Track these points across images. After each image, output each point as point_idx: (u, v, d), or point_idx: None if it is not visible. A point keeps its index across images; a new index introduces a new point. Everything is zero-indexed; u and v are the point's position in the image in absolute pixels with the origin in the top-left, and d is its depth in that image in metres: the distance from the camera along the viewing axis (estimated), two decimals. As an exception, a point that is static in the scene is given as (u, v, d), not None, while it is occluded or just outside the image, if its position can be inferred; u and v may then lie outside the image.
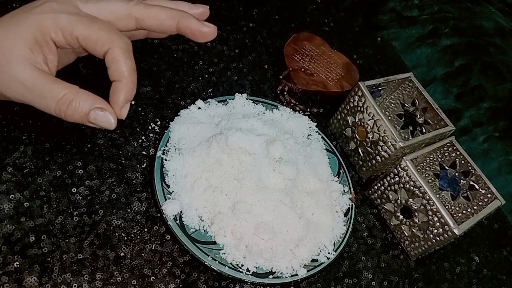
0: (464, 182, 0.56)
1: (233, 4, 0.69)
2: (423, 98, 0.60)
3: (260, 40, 0.67)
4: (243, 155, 0.45)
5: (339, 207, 0.50)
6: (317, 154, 0.53)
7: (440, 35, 0.93)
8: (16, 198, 0.40)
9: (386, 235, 0.55)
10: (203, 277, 0.43)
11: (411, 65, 0.90)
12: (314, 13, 0.77)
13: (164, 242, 0.43)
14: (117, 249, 0.41)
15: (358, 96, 0.55)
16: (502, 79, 0.89)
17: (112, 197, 0.44)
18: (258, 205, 0.44)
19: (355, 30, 0.80)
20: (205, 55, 0.60)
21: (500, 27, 0.95)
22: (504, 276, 0.60)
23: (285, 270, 0.43)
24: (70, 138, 0.46)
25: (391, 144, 0.52)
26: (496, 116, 0.86)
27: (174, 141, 0.47)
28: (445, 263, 0.56)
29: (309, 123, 0.55)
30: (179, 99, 0.54)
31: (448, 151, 0.57)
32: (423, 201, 0.49)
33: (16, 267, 0.37)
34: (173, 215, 0.42)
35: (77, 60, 0.52)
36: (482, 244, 0.61)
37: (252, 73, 0.62)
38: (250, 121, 0.50)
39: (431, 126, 0.60)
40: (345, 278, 0.49)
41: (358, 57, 0.74)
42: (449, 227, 0.47)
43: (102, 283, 0.39)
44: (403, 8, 0.97)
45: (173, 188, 0.44)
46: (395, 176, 0.52)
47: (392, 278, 0.52)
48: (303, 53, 0.64)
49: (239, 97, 0.54)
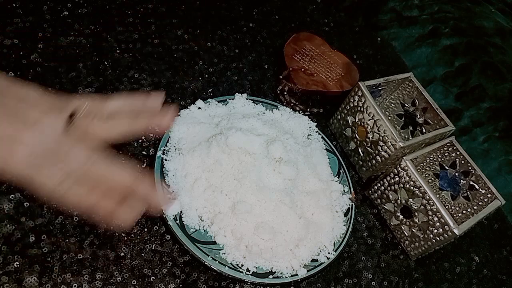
0: (464, 182, 0.56)
1: (233, 4, 0.69)
2: (423, 98, 0.60)
3: (260, 40, 0.67)
4: (243, 155, 0.45)
5: (339, 207, 0.50)
6: (317, 154, 0.53)
7: (440, 35, 0.93)
8: (16, 198, 0.40)
9: (386, 235, 0.55)
10: (203, 277, 0.43)
11: (411, 65, 0.90)
12: (314, 13, 0.77)
13: (164, 242, 0.43)
14: (117, 249, 0.41)
15: (358, 96, 0.55)
16: (502, 79, 0.89)
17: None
18: (258, 205, 0.44)
19: (355, 30, 0.80)
20: (205, 55, 0.60)
21: (500, 27, 0.95)
22: (504, 276, 0.60)
23: (285, 270, 0.43)
24: (70, 138, 0.46)
25: (391, 144, 0.52)
26: (496, 116, 0.86)
27: (174, 141, 0.47)
28: (445, 263, 0.56)
29: (309, 123, 0.55)
30: (179, 99, 0.54)
31: (448, 151, 0.57)
32: (423, 201, 0.49)
33: (16, 267, 0.37)
34: (173, 215, 0.42)
35: (77, 60, 0.52)
36: (482, 244, 0.61)
37: (252, 73, 0.62)
38: (250, 121, 0.50)
39: (431, 126, 0.60)
40: (345, 278, 0.49)
41: (358, 57, 0.74)
42: (449, 227, 0.47)
43: (102, 283, 0.39)
44: (403, 8, 0.96)
45: (173, 188, 0.44)
46: (395, 176, 0.52)
47: (392, 278, 0.52)
48: (303, 53, 0.64)
49: (239, 97, 0.54)
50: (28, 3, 0.53)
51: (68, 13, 0.55)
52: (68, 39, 0.53)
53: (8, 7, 0.52)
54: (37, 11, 0.53)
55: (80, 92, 0.49)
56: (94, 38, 0.54)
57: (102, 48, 0.54)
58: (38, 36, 0.51)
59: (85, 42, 0.53)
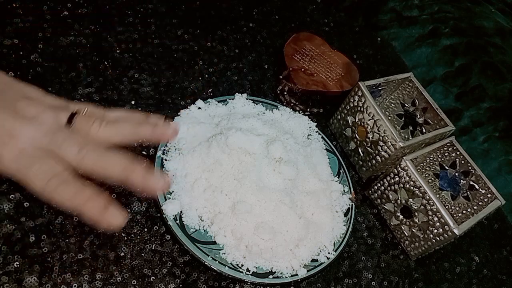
0: (464, 182, 0.56)
1: (233, 4, 0.69)
2: (423, 98, 0.60)
3: (260, 40, 0.67)
4: (243, 155, 0.45)
5: (339, 207, 0.50)
6: (317, 154, 0.53)
7: (440, 35, 0.93)
8: (16, 198, 0.40)
9: (386, 235, 0.55)
10: (203, 277, 0.43)
11: (411, 65, 0.90)
12: (314, 13, 0.77)
13: (164, 242, 0.43)
14: (117, 249, 0.41)
15: (358, 96, 0.55)
16: (502, 79, 0.89)
17: (112, 197, 0.44)
18: (258, 205, 0.44)
19: (355, 30, 0.80)
20: (205, 55, 0.60)
21: (500, 27, 0.95)
22: (504, 276, 0.60)
23: (285, 270, 0.43)
24: (70, 138, 0.46)
25: (391, 144, 0.52)
26: (496, 116, 0.86)
27: (174, 141, 0.47)
28: (445, 263, 0.56)
29: (309, 123, 0.55)
30: (179, 99, 0.54)
31: (448, 151, 0.57)
32: (423, 201, 0.49)
33: (16, 267, 0.37)
34: (173, 215, 0.42)
35: (77, 60, 0.52)
36: (482, 244, 0.61)
37: (252, 73, 0.62)
38: (250, 121, 0.50)
39: (431, 126, 0.60)
40: (345, 278, 0.49)
41: (358, 57, 0.74)
42: (449, 227, 0.47)
43: (102, 283, 0.39)
44: (403, 8, 0.96)
45: (173, 188, 0.44)
46: (395, 176, 0.52)
47: (392, 278, 0.52)
48: (303, 53, 0.64)
49: (239, 97, 0.54)
50: (28, 3, 0.53)
51: (68, 13, 0.55)
52: (68, 39, 0.53)
53: (8, 7, 0.52)
54: (37, 11, 0.53)
55: (80, 92, 0.49)
56: (94, 38, 0.54)
57: (102, 48, 0.54)
58: (38, 36, 0.51)
59: (85, 42, 0.53)
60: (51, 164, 0.32)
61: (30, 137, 0.32)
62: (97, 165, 0.33)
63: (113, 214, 0.32)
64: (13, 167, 0.32)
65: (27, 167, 0.31)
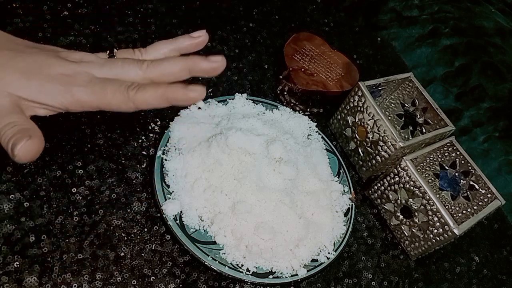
0: (464, 182, 0.56)
1: (233, 4, 0.69)
2: (423, 98, 0.60)
3: (260, 40, 0.67)
4: (243, 155, 0.45)
5: (339, 207, 0.50)
6: (317, 154, 0.53)
7: (440, 35, 0.93)
8: (16, 198, 0.40)
9: (386, 235, 0.55)
10: (203, 277, 0.43)
11: (411, 65, 0.90)
12: (314, 13, 0.77)
13: (164, 242, 0.43)
14: (117, 249, 0.41)
15: (358, 96, 0.55)
16: (502, 79, 0.89)
17: (112, 197, 0.44)
18: (258, 205, 0.44)
19: (355, 30, 0.80)
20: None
21: (500, 27, 0.95)
22: (504, 276, 0.60)
23: (285, 270, 0.43)
24: (70, 138, 0.46)
25: (391, 144, 0.52)
26: (496, 116, 0.86)
27: (174, 141, 0.47)
28: (445, 263, 0.56)
29: (309, 123, 0.55)
30: (179, 99, 0.54)
31: (448, 151, 0.57)
32: (423, 201, 0.49)
33: (16, 267, 0.37)
34: (173, 215, 0.42)
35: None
36: (482, 244, 0.61)
37: (252, 73, 0.62)
38: (250, 121, 0.50)
39: (431, 126, 0.60)
40: (345, 278, 0.49)
41: (358, 57, 0.74)
42: (449, 227, 0.48)
43: (102, 283, 0.39)
44: (403, 8, 0.96)
45: (173, 188, 0.44)
46: (395, 176, 0.52)
47: (392, 278, 0.52)
48: (303, 53, 0.64)
49: (239, 97, 0.54)
50: (28, 3, 0.53)
51: (68, 13, 0.55)
52: (68, 39, 0.53)
53: (8, 7, 0.52)
54: (37, 11, 0.53)
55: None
56: (94, 38, 0.54)
57: (102, 48, 0.54)
58: (38, 36, 0.51)
59: (85, 42, 0.53)
60: (120, 81, 0.36)
61: (90, 72, 0.36)
62: (162, 69, 0.37)
63: (194, 89, 0.36)
64: (91, 97, 0.35)
65: (102, 90, 0.35)
